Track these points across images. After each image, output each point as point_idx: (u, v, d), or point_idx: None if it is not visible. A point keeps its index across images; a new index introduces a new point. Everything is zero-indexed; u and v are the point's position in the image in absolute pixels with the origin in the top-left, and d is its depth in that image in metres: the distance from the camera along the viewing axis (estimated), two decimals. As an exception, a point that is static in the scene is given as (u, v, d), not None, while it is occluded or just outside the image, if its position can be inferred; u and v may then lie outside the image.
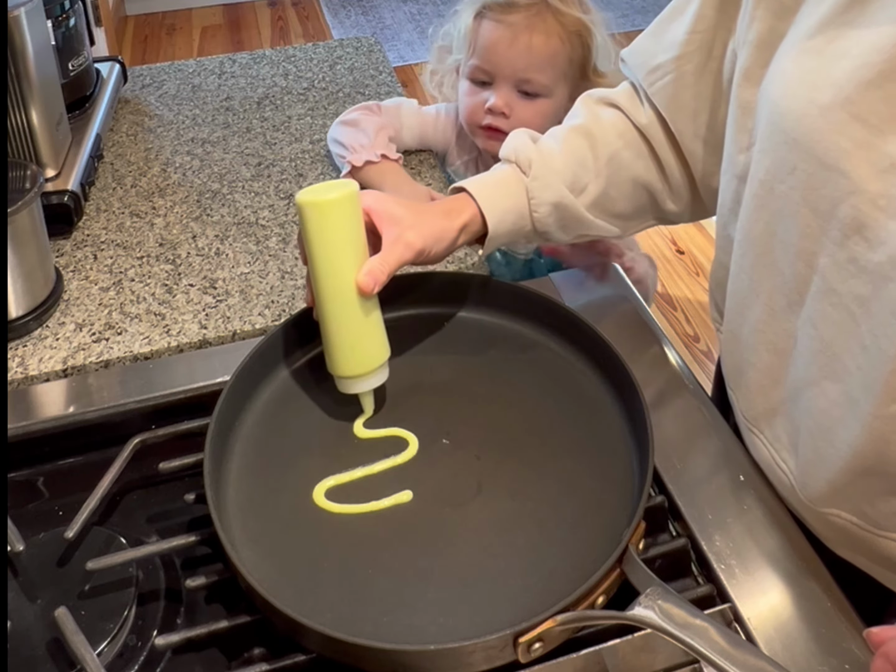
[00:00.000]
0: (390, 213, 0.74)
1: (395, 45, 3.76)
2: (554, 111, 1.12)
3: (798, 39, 0.63)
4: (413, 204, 0.77)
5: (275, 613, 0.58)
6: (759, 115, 0.67)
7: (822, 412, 0.64)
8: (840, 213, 0.58)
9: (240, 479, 0.70)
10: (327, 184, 0.73)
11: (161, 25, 4.08)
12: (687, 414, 0.81)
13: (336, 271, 0.71)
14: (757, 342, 0.70)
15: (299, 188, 1.16)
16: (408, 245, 0.72)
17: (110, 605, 0.65)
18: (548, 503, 0.68)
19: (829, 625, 0.64)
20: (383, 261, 0.71)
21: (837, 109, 0.57)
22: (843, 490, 0.64)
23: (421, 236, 0.73)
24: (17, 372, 0.89)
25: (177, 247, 1.07)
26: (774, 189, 0.64)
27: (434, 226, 0.75)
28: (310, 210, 0.70)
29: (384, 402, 0.77)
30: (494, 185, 0.81)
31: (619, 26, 3.83)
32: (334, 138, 1.16)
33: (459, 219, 0.77)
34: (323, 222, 0.70)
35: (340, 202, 0.71)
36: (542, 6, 1.09)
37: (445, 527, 0.67)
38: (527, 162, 0.81)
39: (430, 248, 0.74)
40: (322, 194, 0.71)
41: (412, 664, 0.58)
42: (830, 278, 0.61)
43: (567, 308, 0.81)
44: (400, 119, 1.20)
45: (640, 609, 0.56)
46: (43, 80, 1.04)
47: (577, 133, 0.84)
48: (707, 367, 2.20)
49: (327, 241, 0.71)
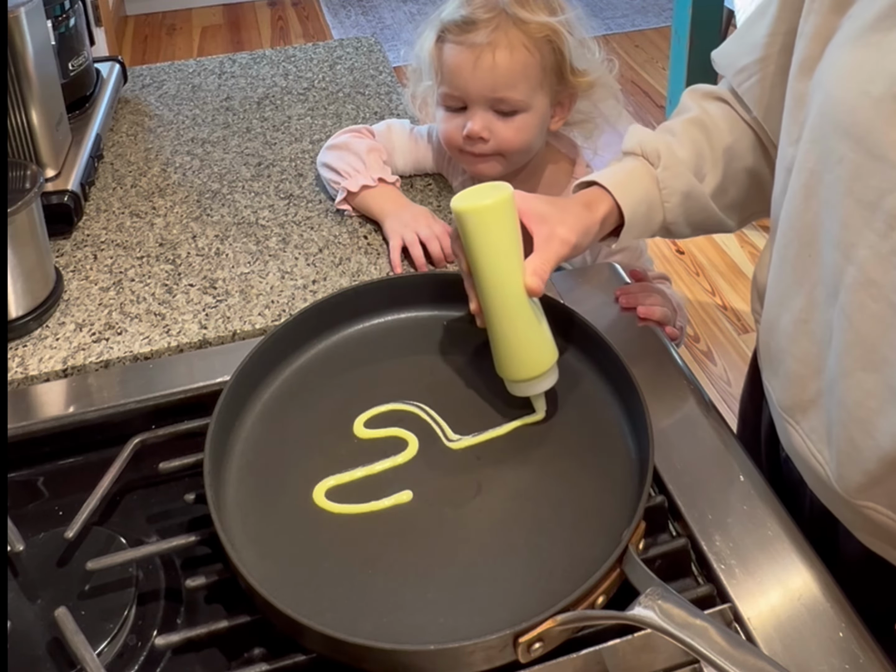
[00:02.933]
0: (537, 210, 0.74)
1: (395, 45, 3.76)
2: (536, 123, 1.06)
3: (854, 32, 0.63)
4: (554, 199, 0.78)
5: (275, 613, 0.58)
6: (810, 105, 0.68)
7: (856, 403, 0.64)
8: (886, 205, 0.59)
9: (240, 479, 0.70)
10: (478, 188, 0.73)
11: (161, 25, 4.08)
12: (687, 414, 0.81)
13: (504, 276, 0.70)
14: (798, 332, 0.71)
15: (299, 188, 1.16)
16: (563, 241, 0.73)
17: (110, 605, 0.65)
18: (548, 503, 0.68)
19: (829, 625, 0.64)
20: (544, 259, 0.71)
21: (890, 101, 0.58)
22: (882, 482, 0.64)
23: (572, 231, 0.74)
24: (17, 372, 0.89)
25: (177, 247, 1.07)
26: (822, 179, 0.65)
27: (580, 219, 0.76)
28: (472, 217, 0.70)
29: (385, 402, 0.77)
30: (626, 177, 0.81)
31: (620, 26, 3.84)
32: (325, 163, 1.12)
33: (599, 211, 0.79)
34: (488, 228, 0.70)
35: (502, 206, 0.70)
36: (502, 18, 1.01)
37: (445, 527, 0.67)
38: (655, 153, 0.83)
39: (581, 241, 0.75)
40: (479, 199, 0.70)
41: (412, 664, 0.58)
42: (870, 270, 0.61)
43: (567, 308, 0.81)
44: (392, 142, 1.16)
45: (640, 609, 0.56)
46: (43, 80, 1.04)
47: (693, 125, 0.86)
48: (707, 368, 2.20)
49: (493, 246, 0.70)
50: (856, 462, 0.65)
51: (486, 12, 1.02)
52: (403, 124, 1.19)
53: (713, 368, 2.20)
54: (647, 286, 0.97)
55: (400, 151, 1.16)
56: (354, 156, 1.10)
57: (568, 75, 1.06)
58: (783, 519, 0.71)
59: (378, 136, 1.15)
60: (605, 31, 3.74)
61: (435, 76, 1.08)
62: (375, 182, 1.08)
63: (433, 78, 1.09)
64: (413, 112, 1.22)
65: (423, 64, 1.10)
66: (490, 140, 1.06)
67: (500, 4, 1.03)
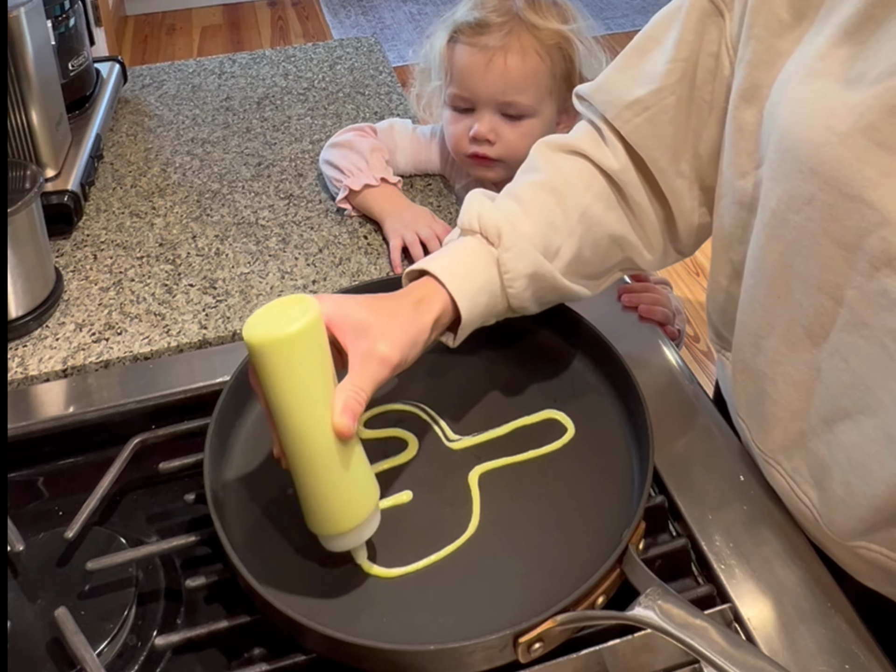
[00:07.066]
0: (355, 321, 0.62)
1: (395, 45, 3.76)
2: (542, 129, 1.07)
3: (805, 60, 0.60)
4: (377, 301, 0.65)
5: (275, 613, 0.58)
6: (764, 139, 0.64)
7: (855, 447, 0.61)
8: (868, 246, 0.55)
9: (240, 479, 0.70)
10: (276, 305, 0.59)
11: (161, 25, 4.08)
12: (687, 414, 0.81)
13: (308, 416, 0.58)
14: (774, 374, 0.67)
15: (299, 188, 1.16)
16: (382, 360, 0.61)
17: (110, 605, 0.65)
18: (548, 503, 0.68)
19: (829, 625, 0.64)
20: (358, 388, 0.59)
21: (859, 136, 0.54)
22: (876, 526, 0.62)
23: (396, 346, 0.62)
24: (17, 372, 0.89)
25: (177, 247, 1.07)
26: (789, 220, 0.61)
27: (407, 328, 0.64)
28: (270, 351, 0.56)
29: (385, 402, 0.77)
30: (461, 264, 0.69)
31: (619, 26, 3.84)
32: (327, 161, 1.12)
33: (430, 312, 0.66)
34: (288, 363, 0.57)
35: (306, 333, 0.57)
36: (515, 23, 1.03)
37: (445, 527, 0.67)
38: (495, 231, 0.70)
39: (406, 356, 0.63)
40: (279, 325, 0.57)
41: (412, 664, 0.58)
42: (860, 311, 0.58)
43: (567, 308, 0.81)
44: (394, 141, 1.16)
45: (640, 609, 0.56)
46: (43, 80, 1.04)
47: (541, 189, 0.74)
48: (707, 368, 2.21)
49: (295, 383, 0.57)
50: (849, 507, 0.63)
51: (500, 16, 1.03)
52: (406, 124, 1.19)
53: (713, 368, 2.20)
54: (649, 286, 0.97)
55: (402, 151, 1.17)
56: (357, 154, 1.10)
57: (577, 83, 1.06)
58: (783, 519, 0.71)
59: (380, 133, 1.16)
60: (605, 31, 3.73)
61: (444, 76, 1.09)
62: (378, 182, 1.08)
63: (442, 78, 1.09)
64: (416, 112, 1.23)
65: (432, 64, 1.11)
66: (496, 143, 1.06)
67: (513, 9, 1.04)
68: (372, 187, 1.08)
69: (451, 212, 1.12)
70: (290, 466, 0.61)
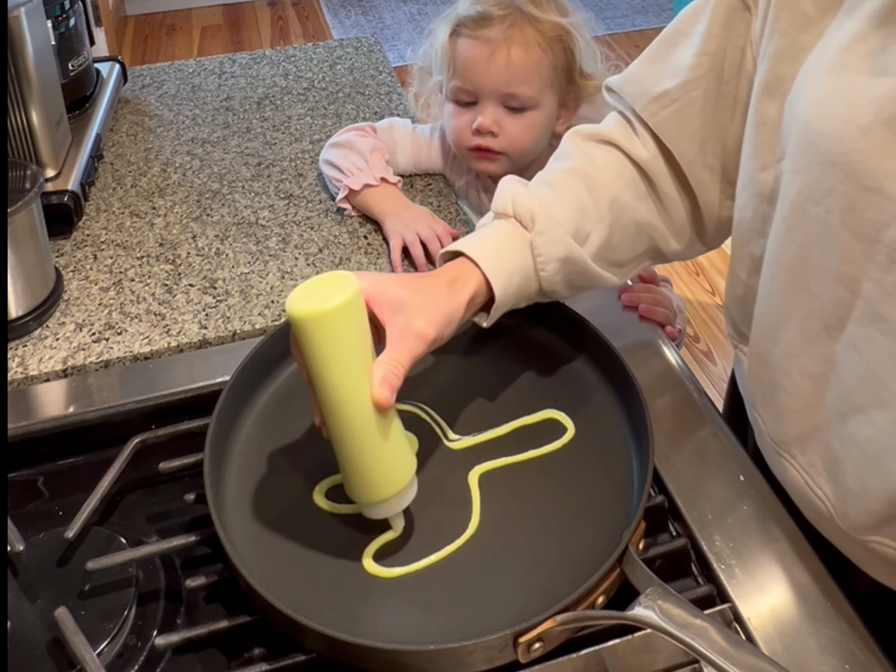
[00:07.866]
0: (392, 298, 0.64)
1: (395, 45, 3.76)
2: (544, 122, 1.09)
3: (828, 53, 0.60)
4: (413, 280, 0.68)
5: (275, 613, 0.58)
6: (786, 132, 0.64)
7: (869, 440, 0.61)
8: (886, 238, 0.56)
9: (240, 479, 0.70)
10: (318, 280, 0.62)
11: (161, 25, 4.08)
12: (687, 414, 0.81)
13: (348, 391, 0.60)
14: (789, 366, 0.67)
15: (299, 188, 1.16)
16: (419, 336, 0.63)
17: (110, 605, 0.65)
18: (548, 503, 0.68)
19: (829, 625, 0.64)
20: (396, 361, 0.61)
21: (880, 129, 0.54)
22: (889, 520, 0.62)
23: (432, 323, 0.64)
24: (17, 372, 0.89)
25: (177, 247, 1.07)
26: (808, 212, 0.61)
27: (442, 306, 0.66)
28: (312, 325, 0.58)
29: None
30: (495, 245, 0.71)
31: (619, 26, 3.84)
32: (327, 160, 1.13)
33: (465, 291, 0.68)
34: (329, 336, 0.59)
35: (346, 308, 0.59)
36: (518, 16, 1.04)
37: (445, 527, 0.67)
38: (528, 215, 0.72)
39: (442, 333, 0.65)
40: (321, 300, 0.59)
41: (412, 664, 0.58)
42: (878, 304, 0.58)
43: (567, 308, 0.81)
44: (394, 140, 1.16)
45: (640, 609, 0.56)
46: (43, 80, 1.04)
47: (572, 176, 0.76)
48: (707, 368, 2.20)
49: (335, 356, 0.59)
50: (864, 501, 0.63)
51: (502, 9, 1.05)
52: (406, 123, 1.20)
53: (713, 368, 2.21)
54: (650, 287, 0.98)
55: (402, 150, 1.17)
56: (358, 154, 1.10)
57: (576, 77, 1.09)
58: (783, 519, 0.71)
59: (380, 133, 1.16)
60: (605, 31, 3.73)
61: (447, 70, 1.10)
62: (378, 181, 1.08)
63: (444, 72, 1.11)
64: (414, 111, 1.23)
65: (434, 58, 1.12)
66: (499, 135, 1.08)
67: (514, 3, 1.06)
68: (372, 187, 1.08)
69: (451, 212, 1.12)
70: (330, 436, 0.63)
